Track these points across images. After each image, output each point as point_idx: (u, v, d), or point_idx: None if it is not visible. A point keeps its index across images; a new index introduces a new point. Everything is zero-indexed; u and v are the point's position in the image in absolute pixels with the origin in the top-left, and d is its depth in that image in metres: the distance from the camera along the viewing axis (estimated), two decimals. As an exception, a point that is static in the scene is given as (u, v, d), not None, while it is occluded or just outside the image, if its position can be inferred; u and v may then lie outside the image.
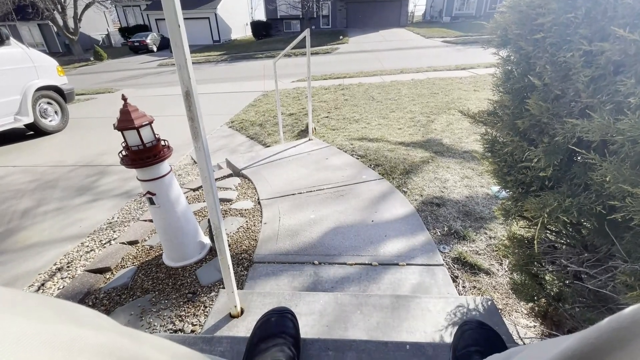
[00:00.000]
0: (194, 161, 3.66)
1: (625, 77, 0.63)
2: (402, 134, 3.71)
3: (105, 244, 2.25)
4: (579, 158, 0.88)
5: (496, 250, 1.72)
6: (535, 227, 1.10)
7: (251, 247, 1.84)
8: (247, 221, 2.09)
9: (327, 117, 4.78)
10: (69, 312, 0.23)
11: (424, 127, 3.91)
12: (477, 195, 2.26)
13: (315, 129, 4.10)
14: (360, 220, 2.00)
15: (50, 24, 20.23)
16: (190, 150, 3.97)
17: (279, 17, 28.30)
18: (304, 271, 1.61)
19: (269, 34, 26.65)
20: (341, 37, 19.95)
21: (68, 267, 2.05)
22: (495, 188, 2.27)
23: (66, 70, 5.73)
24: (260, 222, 2.07)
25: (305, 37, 2.82)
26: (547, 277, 1.17)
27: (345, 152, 3.10)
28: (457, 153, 2.98)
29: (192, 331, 1.34)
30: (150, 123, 1.44)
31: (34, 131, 5.04)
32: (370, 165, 2.79)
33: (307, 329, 1.10)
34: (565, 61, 0.75)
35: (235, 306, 1.14)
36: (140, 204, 2.77)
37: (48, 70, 5.13)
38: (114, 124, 1.41)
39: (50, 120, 5.17)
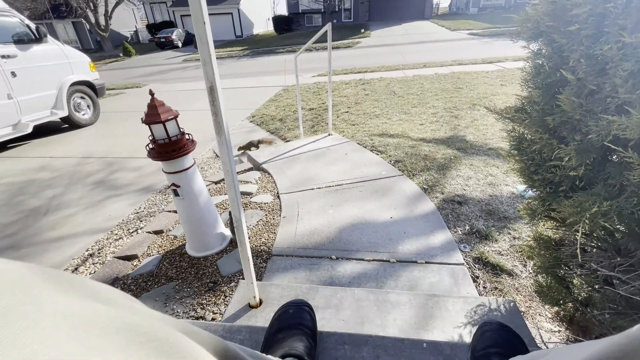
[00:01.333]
0: (216, 155, 3.75)
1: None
2: (423, 129, 3.63)
3: (132, 232, 2.36)
4: (614, 157, 0.83)
5: (520, 251, 1.67)
6: (563, 227, 1.06)
7: (270, 240, 1.87)
8: (266, 214, 2.13)
9: (347, 112, 4.75)
10: (105, 293, 0.24)
11: (447, 123, 3.80)
12: (501, 194, 2.18)
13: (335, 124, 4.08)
14: (379, 217, 1.99)
15: (83, 21, 21.16)
16: (213, 144, 4.07)
17: (300, 11, 28.24)
18: (322, 265, 1.62)
19: (290, 29, 26.66)
20: (363, 30, 19.66)
21: (99, 253, 2.16)
22: (521, 187, 2.18)
23: (97, 66, 6.01)
24: (280, 215, 2.10)
25: (326, 31, 2.80)
26: (574, 281, 1.13)
27: (365, 147, 3.07)
28: (482, 150, 2.89)
29: (213, 319, 1.39)
30: (175, 117, 1.49)
31: (69, 124, 5.32)
32: (390, 161, 2.75)
33: (324, 322, 1.12)
34: (602, 54, 0.71)
35: (254, 297, 1.17)
36: (165, 195, 2.88)
37: (81, 66, 5.38)
38: (141, 118, 1.47)
39: (83, 114, 5.43)
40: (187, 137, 1.58)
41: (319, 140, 3.28)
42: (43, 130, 5.13)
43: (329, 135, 3.41)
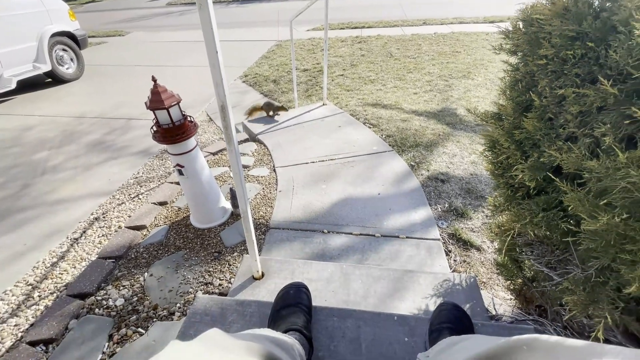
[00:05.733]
0: (210, 118, 3.77)
1: (603, 120, 0.72)
2: (417, 100, 3.68)
3: (134, 198, 2.49)
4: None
5: (489, 230, 1.89)
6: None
7: (267, 213, 2.05)
8: (263, 188, 2.28)
9: (342, 75, 4.70)
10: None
11: (440, 92, 3.85)
12: (481, 173, 2.36)
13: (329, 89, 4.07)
14: (368, 193, 2.16)
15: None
16: (206, 106, 4.05)
17: (294, -53, 25.60)
18: (315, 238, 1.82)
19: (283, -32, 24.37)
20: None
21: (104, 217, 2.31)
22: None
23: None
24: (276, 189, 2.25)
25: (323, -3, 2.73)
26: (526, 262, 1.35)
27: (358, 119, 3.16)
28: (469, 126, 3.01)
29: (220, 285, 1.60)
30: (178, 103, 1.55)
31: (53, 79, 5.13)
32: (382, 135, 2.87)
33: (316, 293, 1.34)
34: (559, 92, 0.83)
35: (258, 271, 1.38)
36: (162, 160, 2.97)
37: (60, 14, 5.04)
38: (145, 103, 1.53)
39: (67, 68, 5.22)
40: (189, 120, 1.66)
41: (313, 111, 3.33)
42: (27, 86, 4.96)
43: (324, 104, 3.45)
